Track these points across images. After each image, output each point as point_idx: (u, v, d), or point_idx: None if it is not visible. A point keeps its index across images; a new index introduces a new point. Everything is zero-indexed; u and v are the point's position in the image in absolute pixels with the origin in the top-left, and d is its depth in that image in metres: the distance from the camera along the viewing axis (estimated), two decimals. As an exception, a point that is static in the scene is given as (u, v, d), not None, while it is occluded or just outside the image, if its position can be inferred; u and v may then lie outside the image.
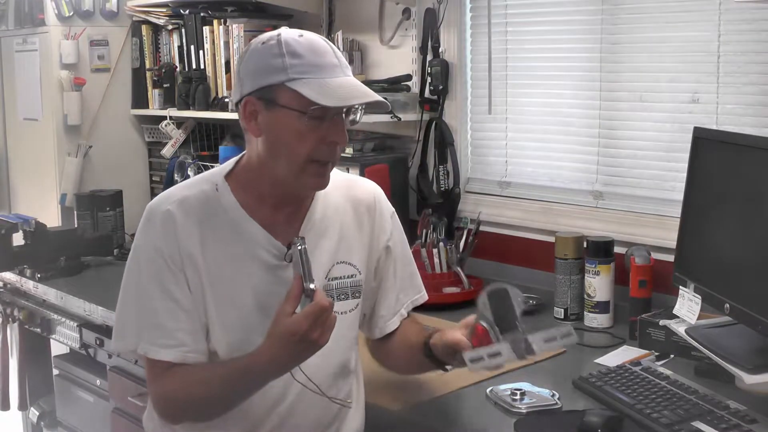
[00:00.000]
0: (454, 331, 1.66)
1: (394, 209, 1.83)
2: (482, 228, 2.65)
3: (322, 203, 1.69)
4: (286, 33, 1.56)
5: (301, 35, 1.56)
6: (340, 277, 1.70)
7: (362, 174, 2.69)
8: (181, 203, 1.61)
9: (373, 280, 1.79)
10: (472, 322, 1.63)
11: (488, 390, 1.83)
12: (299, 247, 1.51)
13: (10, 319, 3.11)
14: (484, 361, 1.56)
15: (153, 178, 3.68)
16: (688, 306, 1.89)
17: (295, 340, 1.46)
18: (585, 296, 2.33)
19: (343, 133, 1.55)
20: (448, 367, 1.72)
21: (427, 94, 2.84)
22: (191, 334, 1.58)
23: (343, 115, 1.56)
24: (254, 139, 1.59)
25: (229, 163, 1.68)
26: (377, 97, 1.55)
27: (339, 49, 2.92)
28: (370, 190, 1.80)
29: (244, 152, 1.68)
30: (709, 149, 1.92)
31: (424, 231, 2.62)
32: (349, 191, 1.75)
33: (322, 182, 1.61)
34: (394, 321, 1.82)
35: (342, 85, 1.53)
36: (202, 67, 3.27)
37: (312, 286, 1.49)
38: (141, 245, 1.61)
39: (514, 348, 1.56)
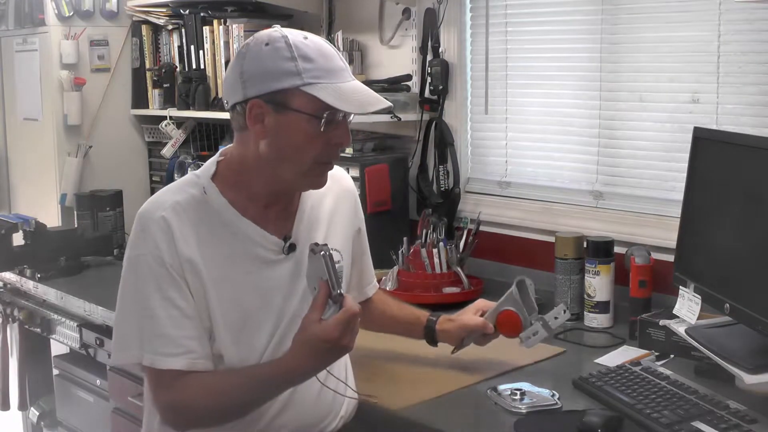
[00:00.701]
0: (469, 316, 1.95)
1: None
2: (482, 228, 2.65)
3: (309, 196, 1.71)
4: (292, 35, 1.56)
5: (306, 37, 1.56)
6: None
7: (362, 174, 2.70)
8: (174, 209, 1.59)
9: (350, 258, 1.83)
10: (482, 308, 1.95)
11: (488, 390, 1.83)
12: (323, 254, 1.50)
13: (10, 319, 3.12)
14: (531, 339, 1.91)
15: (153, 178, 3.68)
16: (688, 306, 1.89)
17: (327, 347, 1.48)
18: (585, 296, 2.33)
19: (348, 135, 1.59)
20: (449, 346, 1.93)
21: (427, 94, 2.84)
22: (197, 340, 1.56)
23: (346, 118, 1.58)
24: (252, 140, 1.58)
25: (211, 164, 1.66)
26: (388, 103, 1.60)
27: (339, 49, 2.95)
28: (346, 177, 1.86)
29: (222, 151, 1.67)
30: (709, 149, 1.92)
31: (424, 231, 2.62)
32: (330, 181, 1.73)
33: (323, 181, 1.64)
34: (369, 289, 1.98)
35: (355, 90, 1.56)
36: (202, 67, 3.27)
37: (340, 291, 1.50)
38: (138, 255, 1.58)
39: (543, 325, 1.91)
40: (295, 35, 1.56)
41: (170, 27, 3.44)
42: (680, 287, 1.93)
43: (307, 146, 1.55)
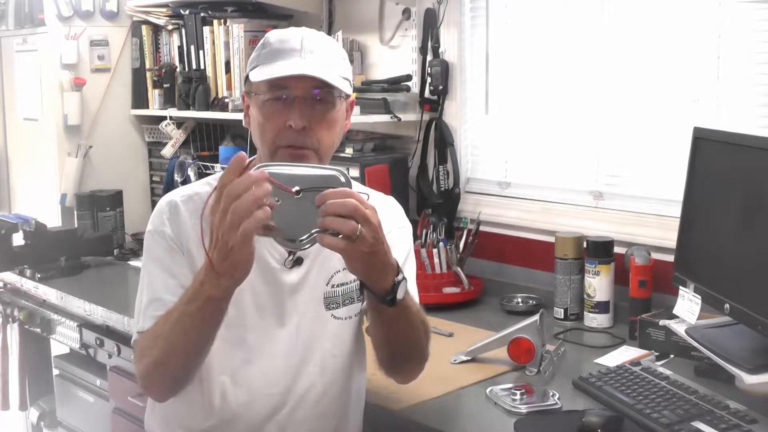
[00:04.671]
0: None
1: (405, 225, 1.78)
2: (482, 228, 2.65)
3: None
4: (280, 30, 1.63)
5: (293, 30, 1.61)
6: (347, 282, 1.68)
7: (362, 174, 2.70)
8: (190, 198, 1.63)
9: None
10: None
11: (488, 390, 1.83)
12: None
13: (10, 319, 3.12)
14: (548, 372, 1.96)
15: (153, 178, 3.68)
16: (688, 306, 1.89)
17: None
18: (585, 296, 2.33)
19: (297, 115, 1.53)
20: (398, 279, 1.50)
21: (427, 94, 2.84)
22: None
23: (303, 98, 1.54)
24: None
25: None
26: (311, 72, 1.51)
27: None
28: (382, 201, 1.76)
29: None
30: (709, 149, 1.92)
31: (424, 231, 2.63)
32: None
33: None
34: None
35: (285, 64, 1.53)
36: (202, 67, 3.27)
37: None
38: (148, 231, 1.64)
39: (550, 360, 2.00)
40: (284, 30, 1.62)
41: (170, 27, 3.44)
42: (680, 287, 1.93)
43: (264, 128, 1.56)
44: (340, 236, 1.36)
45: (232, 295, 1.43)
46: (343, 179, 1.37)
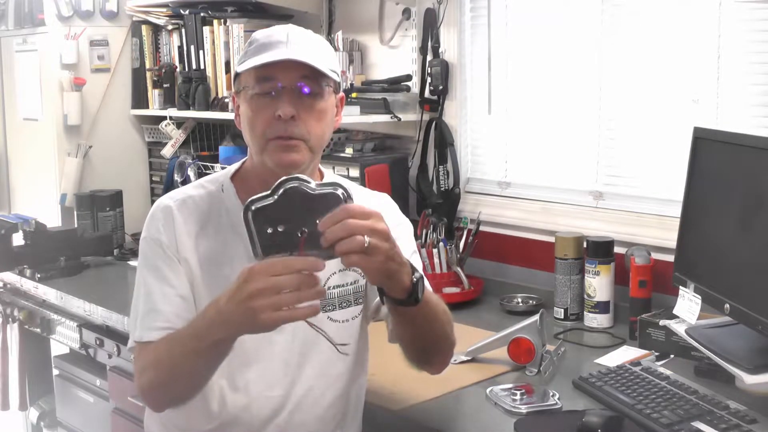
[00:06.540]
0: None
1: (403, 222, 1.77)
2: (482, 228, 2.65)
3: None
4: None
5: (276, 26, 1.61)
6: (343, 285, 1.68)
7: (362, 174, 2.70)
8: (184, 202, 1.63)
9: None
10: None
11: (488, 390, 1.83)
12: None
13: (10, 319, 3.11)
14: (549, 372, 1.97)
15: (153, 178, 3.68)
16: (688, 306, 1.89)
17: (233, 286, 1.36)
18: (585, 296, 2.33)
19: (286, 105, 1.53)
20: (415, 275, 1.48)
21: (427, 94, 2.84)
22: (185, 321, 1.55)
23: (291, 89, 1.54)
24: None
25: (237, 164, 1.70)
26: (297, 57, 1.52)
27: (338, 48, 2.94)
28: (375, 200, 1.76)
29: None
30: (709, 149, 1.92)
31: (424, 231, 2.62)
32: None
33: (286, 158, 1.55)
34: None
35: (271, 54, 1.53)
36: (202, 67, 3.27)
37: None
38: (143, 238, 1.64)
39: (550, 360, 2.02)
40: (269, 28, 1.61)
41: (170, 27, 3.44)
42: (680, 287, 1.93)
43: (254, 122, 1.56)
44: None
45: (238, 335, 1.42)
46: (341, 193, 1.33)
